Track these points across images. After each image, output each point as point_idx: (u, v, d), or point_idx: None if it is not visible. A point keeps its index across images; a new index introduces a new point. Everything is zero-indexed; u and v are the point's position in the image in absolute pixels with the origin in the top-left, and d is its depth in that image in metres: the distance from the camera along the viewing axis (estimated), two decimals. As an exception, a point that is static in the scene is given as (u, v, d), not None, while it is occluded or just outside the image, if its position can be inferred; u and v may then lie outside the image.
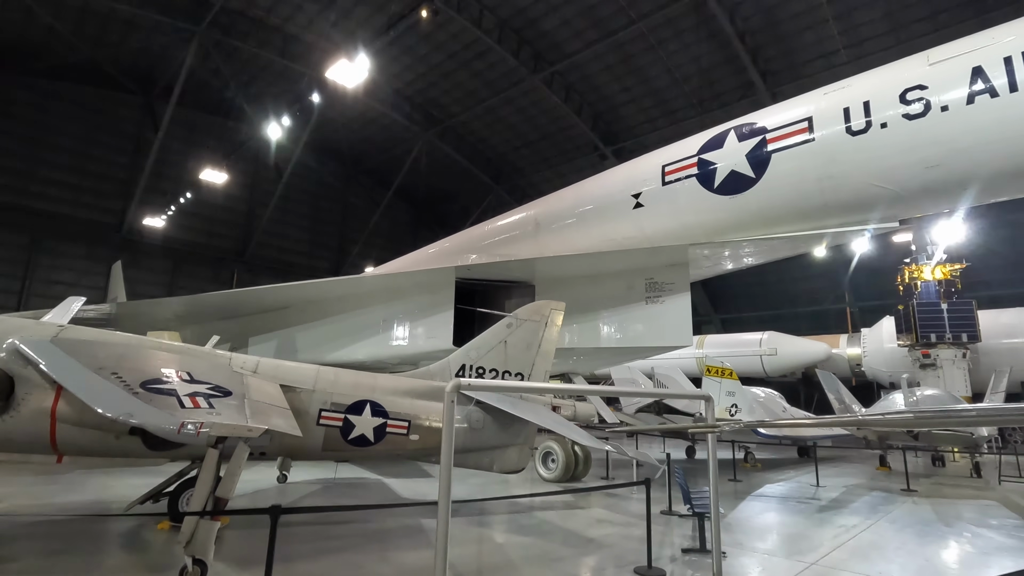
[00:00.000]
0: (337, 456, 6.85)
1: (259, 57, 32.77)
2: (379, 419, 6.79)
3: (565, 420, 7.55)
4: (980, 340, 25.52)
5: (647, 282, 10.05)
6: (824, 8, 26.69)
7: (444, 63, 34.01)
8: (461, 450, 7.28)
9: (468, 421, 7.33)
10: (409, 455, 7.17)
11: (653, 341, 9.83)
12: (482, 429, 7.37)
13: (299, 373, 6.81)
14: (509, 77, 33.94)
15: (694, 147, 9.06)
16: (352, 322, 12.83)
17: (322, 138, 41.12)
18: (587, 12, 28.97)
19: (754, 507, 9.12)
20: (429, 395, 7.32)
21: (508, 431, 7.53)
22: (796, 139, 7.76)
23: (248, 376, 6.22)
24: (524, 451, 7.66)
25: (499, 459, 7.51)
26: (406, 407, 7.03)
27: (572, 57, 31.59)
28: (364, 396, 6.83)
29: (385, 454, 6.96)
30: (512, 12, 29.94)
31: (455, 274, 11.00)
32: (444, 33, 31.38)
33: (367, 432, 6.70)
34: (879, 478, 13.59)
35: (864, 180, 7.31)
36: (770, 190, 8.05)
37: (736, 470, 12.69)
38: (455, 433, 7.27)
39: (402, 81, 36.20)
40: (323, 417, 6.53)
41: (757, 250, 9.05)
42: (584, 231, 10.37)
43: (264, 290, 13.52)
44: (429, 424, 7.08)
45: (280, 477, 9.52)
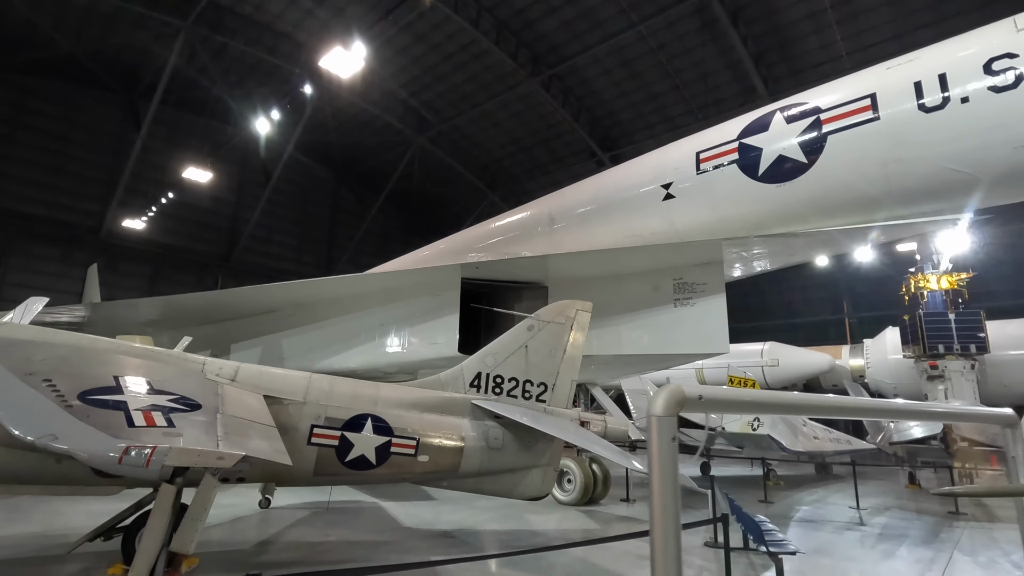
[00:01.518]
0: (332, 480, 5.76)
1: (247, 55, 31.70)
2: (382, 437, 5.71)
3: (596, 437, 6.51)
4: (989, 351, 24.89)
5: (676, 283, 9.09)
6: (828, 13, 26.29)
7: (439, 65, 33.16)
8: (476, 473, 6.22)
9: (486, 439, 6.27)
10: (416, 479, 6.09)
11: (683, 348, 8.84)
12: (501, 448, 6.32)
13: (287, 382, 5.72)
14: (506, 80, 33.16)
15: (733, 131, 8.16)
16: (345, 327, 11.72)
17: (312, 141, 40.02)
18: (587, 14, 28.32)
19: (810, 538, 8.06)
20: (440, 408, 6.25)
21: (531, 450, 6.48)
22: (857, 119, 6.88)
23: (225, 385, 5.12)
24: (549, 473, 6.61)
25: (521, 483, 6.45)
26: (413, 423, 5.95)
27: (571, 60, 30.90)
28: (364, 409, 5.75)
29: (388, 478, 5.88)
30: (511, 13, 29.22)
31: (461, 273, 9.96)
32: (440, 34, 30.58)
33: (368, 452, 5.61)
34: (915, 498, 12.70)
35: (938, 163, 6.43)
36: (825, 177, 7.15)
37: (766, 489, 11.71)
38: (470, 452, 6.24)
39: (396, 83, 35.27)
40: (315, 435, 5.44)
41: (803, 246, 8.13)
42: (606, 226, 9.40)
43: (247, 291, 12.39)
44: (440, 443, 6.01)
45: (263, 501, 8.36)
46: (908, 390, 28.37)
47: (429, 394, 6.32)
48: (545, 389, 6.86)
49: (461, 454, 6.06)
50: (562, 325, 7.12)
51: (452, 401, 6.35)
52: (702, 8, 26.86)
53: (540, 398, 6.82)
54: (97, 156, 33.53)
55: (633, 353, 9.18)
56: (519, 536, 7.51)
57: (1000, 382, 26.32)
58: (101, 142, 33.47)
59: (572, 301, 7.36)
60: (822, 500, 11.75)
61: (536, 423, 6.21)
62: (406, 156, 39.75)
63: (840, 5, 25.85)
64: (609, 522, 8.62)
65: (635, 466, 5.86)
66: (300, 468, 5.37)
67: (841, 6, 25.79)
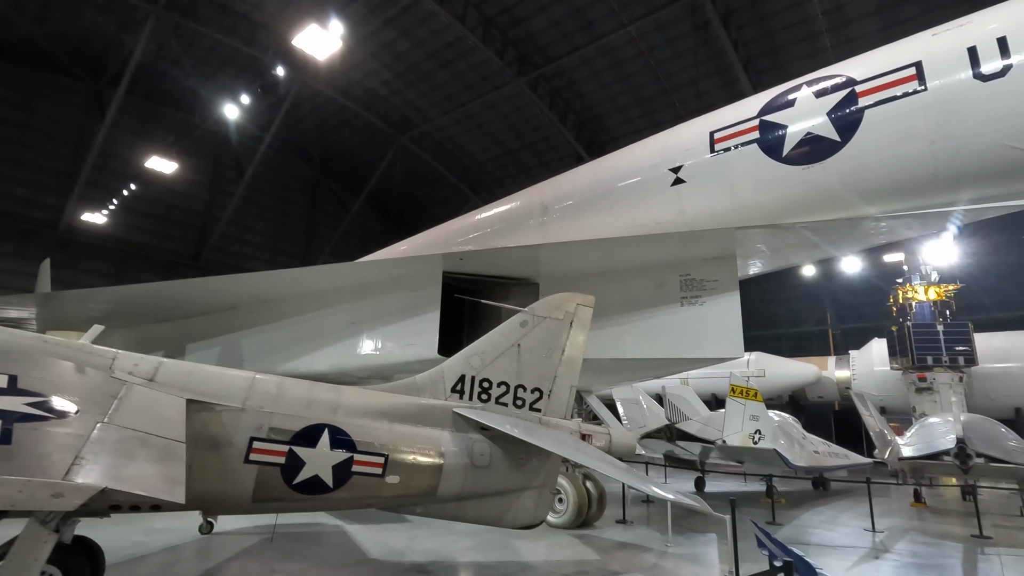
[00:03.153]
0: (277, 507, 4.62)
1: (222, 45, 30.34)
2: (342, 453, 4.60)
3: (601, 452, 5.48)
4: (977, 363, 24.60)
5: (683, 279, 8.15)
6: (819, 20, 26.05)
7: (424, 62, 32.20)
8: (457, 496, 5.14)
9: (470, 455, 5.20)
10: (384, 504, 4.97)
11: (691, 352, 7.89)
12: (488, 467, 5.25)
13: (223, 383, 4.58)
14: (492, 80, 32.34)
15: (753, 108, 7.29)
16: (312, 326, 10.54)
17: (290, 138, 38.68)
18: (576, 13, 27.68)
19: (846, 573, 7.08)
20: (415, 418, 5.16)
21: (524, 469, 5.42)
22: (899, 90, 6.04)
23: (135, 386, 3.98)
24: (545, 497, 5.55)
25: (511, 508, 5.38)
26: (382, 435, 4.85)
27: (558, 61, 30.20)
28: (320, 419, 4.64)
29: (349, 503, 4.77)
30: (498, 10, 28.42)
31: (443, 266, 8.89)
32: (425, 29, 29.63)
33: (323, 472, 4.49)
34: (924, 516, 11.93)
35: (995, 140, 5.60)
36: (861, 157, 6.28)
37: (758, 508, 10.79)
38: (450, 472, 5.15)
39: (378, 80, 34.19)
40: (256, 450, 4.31)
41: (830, 238, 7.26)
42: (606, 216, 8.43)
43: (203, 282, 11.14)
44: (415, 460, 4.92)
45: (204, 526, 7.12)
46: (895, 403, 28.02)
47: (402, 401, 5.22)
48: (540, 396, 5.82)
49: (439, 474, 4.98)
50: (560, 321, 6.11)
51: (430, 409, 5.27)
52: (693, 10, 26.40)
53: (534, 406, 5.78)
54: (58, 146, 31.66)
55: (634, 357, 8.20)
56: (504, 570, 6.41)
57: (986, 395, 26.07)
58: (62, 131, 31.63)
59: (572, 294, 6.35)
60: (832, 520, 10.88)
61: (530, 436, 5.16)
62: (387, 156, 38.62)
63: (831, 12, 25.64)
64: (608, 550, 7.58)
65: (657, 492, 4.84)
66: (234, 492, 4.23)
67: (832, 13, 25.57)
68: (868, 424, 14.76)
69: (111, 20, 28.14)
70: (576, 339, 6.15)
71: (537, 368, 5.86)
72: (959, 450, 11.15)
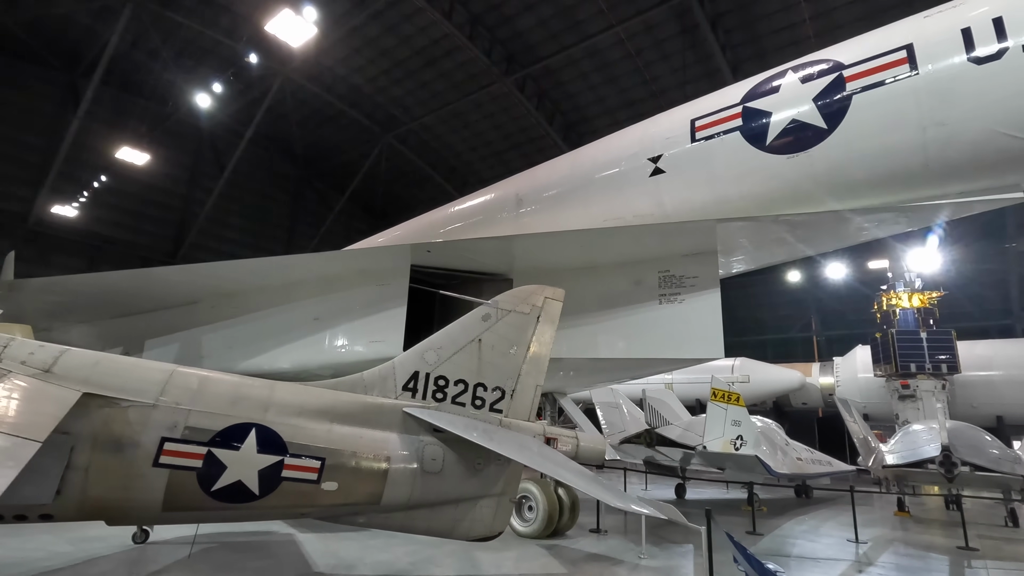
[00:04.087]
0: (194, 517, 4.10)
1: (203, 37, 29.62)
2: (270, 456, 4.09)
3: (567, 459, 5.02)
4: (960, 371, 24.55)
5: (661, 276, 7.74)
6: (807, 25, 26.03)
7: (410, 60, 31.71)
8: (405, 505, 4.65)
9: (420, 460, 4.71)
10: (321, 513, 4.47)
11: (669, 351, 7.47)
12: (441, 472, 4.76)
13: (134, 375, 4.06)
14: (479, 79, 31.94)
15: (736, 95, 6.92)
16: (274, 321, 9.99)
17: (273, 135, 37.95)
18: (564, 12, 27.38)
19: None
20: (359, 417, 4.66)
21: (480, 475, 4.94)
22: (889, 75, 5.69)
23: (18, 375, 3.45)
24: (504, 506, 5.07)
25: (465, 519, 4.89)
26: (319, 437, 4.35)
27: (546, 60, 29.88)
28: (247, 417, 4.13)
29: (279, 513, 4.27)
30: (485, 7, 28.05)
31: (410, 258, 8.40)
32: (411, 26, 29.16)
33: (247, 478, 3.98)
34: (907, 526, 11.60)
35: (990, 127, 5.26)
36: (848, 145, 5.94)
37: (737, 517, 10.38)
38: (397, 478, 4.66)
39: (363, 77, 33.63)
40: (167, 452, 3.78)
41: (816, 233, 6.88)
42: (582, 208, 8.02)
43: (159, 272, 10.53)
44: (356, 465, 4.42)
45: (138, 535, 6.55)
46: (878, 410, 27.93)
47: (345, 399, 4.73)
48: (502, 396, 5.35)
49: (384, 480, 4.48)
50: (526, 316, 5.65)
51: (377, 408, 4.78)
52: (682, 12, 26.24)
53: (495, 407, 5.30)
54: (30, 136, 30.65)
55: (610, 357, 7.77)
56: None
57: (968, 403, 26.06)
58: (35, 121, 30.64)
59: (540, 287, 5.90)
60: (813, 530, 10.50)
61: (488, 440, 4.69)
62: (372, 154, 38.04)
63: (819, 17, 25.61)
64: (577, 563, 7.11)
65: (629, 507, 4.38)
66: (140, 500, 3.71)
67: (820, 18, 25.54)
68: (852, 431, 14.47)
69: (86, 8, 27.32)
70: (543, 335, 5.70)
71: (499, 366, 5.40)
72: (944, 458, 10.86)
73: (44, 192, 29.94)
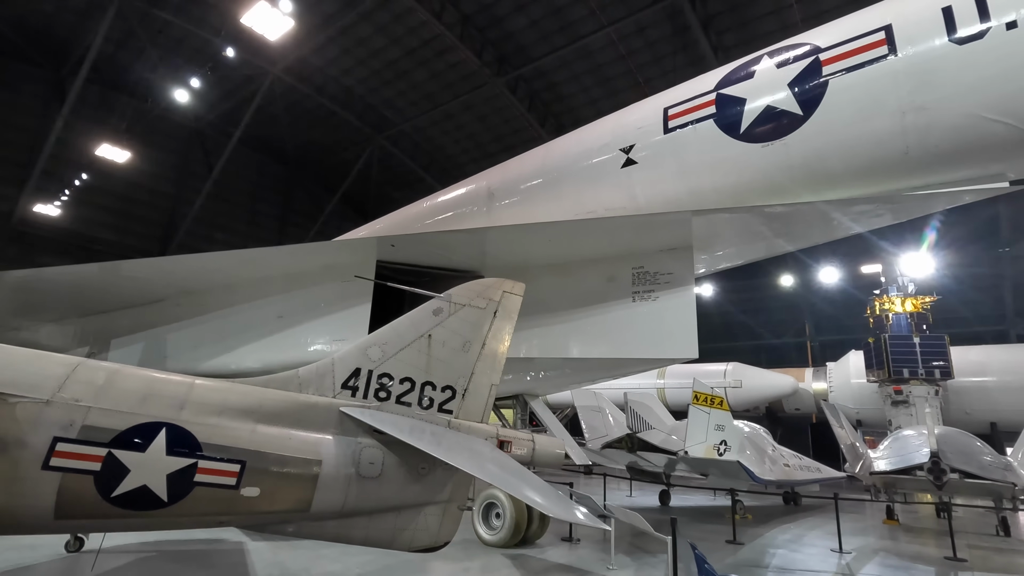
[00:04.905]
0: (92, 526, 3.74)
1: (190, 35, 29.30)
2: (181, 459, 3.72)
3: (517, 465, 4.65)
4: (953, 377, 24.25)
5: (635, 272, 7.41)
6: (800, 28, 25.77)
7: (401, 60, 31.47)
8: (339, 513, 4.28)
9: (356, 463, 4.35)
10: (242, 521, 4.09)
11: (641, 351, 7.13)
12: (379, 477, 4.39)
13: (29, 368, 3.70)
14: (471, 80, 31.72)
15: (710, 82, 6.61)
16: (238, 319, 9.63)
17: (264, 135, 37.62)
18: (556, 13, 27.18)
19: None
20: (288, 417, 4.29)
21: (424, 481, 4.58)
22: (866, 57, 5.38)
23: None
24: (451, 513, 4.71)
25: (407, 528, 4.52)
26: (241, 437, 3.98)
27: (538, 61, 29.65)
28: (157, 416, 3.76)
29: (193, 522, 3.88)
30: (476, 8, 27.84)
31: (376, 253, 8.05)
32: (401, 26, 28.93)
33: (153, 482, 3.61)
34: (896, 535, 11.24)
35: (973, 111, 4.95)
36: (824, 132, 5.62)
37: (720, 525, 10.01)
38: (329, 483, 4.30)
39: (354, 78, 33.38)
40: (59, 454, 3.41)
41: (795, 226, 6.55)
42: (553, 201, 7.70)
43: (126, 266, 10.14)
44: (282, 469, 4.05)
45: (71, 542, 6.15)
46: (871, 416, 27.61)
47: (275, 397, 4.36)
48: (453, 395, 5.00)
49: (314, 485, 4.11)
50: (482, 310, 5.30)
51: (309, 408, 4.41)
52: (673, 14, 26.06)
53: (444, 407, 4.95)
54: (15, 134, 30.27)
55: (580, 357, 7.41)
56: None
57: (962, 409, 25.74)
58: (20, 119, 30.27)
59: (499, 280, 5.56)
60: (797, 539, 10.13)
61: (432, 444, 4.33)
62: (363, 156, 37.75)
63: (812, 20, 25.43)
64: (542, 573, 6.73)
65: (576, 517, 4.00)
66: (27, 506, 3.34)
67: (813, 20, 25.35)
68: (839, 436, 14.12)
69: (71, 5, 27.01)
70: (500, 331, 5.35)
71: (450, 363, 5.05)
72: (933, 465, 10.52)
73: (29, 191, 29.55)
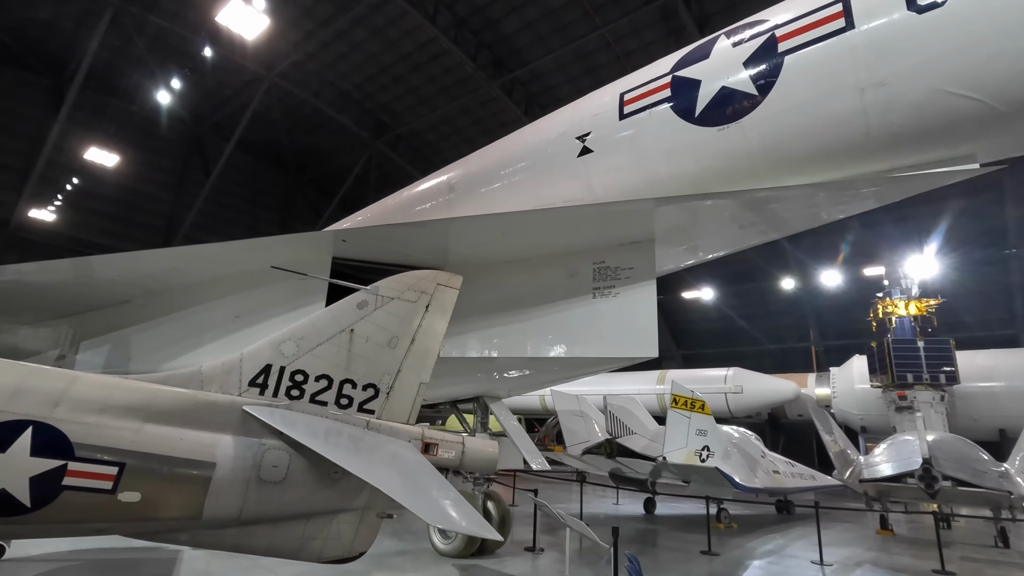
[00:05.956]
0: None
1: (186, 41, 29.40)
2: (49, 460, 3.41)
3: (426, 472, 4.26)
4: (959, 382, 23.54)
5: (596, 268, 7.05)
6: (796, 26, 25.39)
7: (396, 65, 31.46)
8: (236, 520, 3.94)
9: (256, 466, 4.02)
10: (122, 529, 3.77)
11: (599, 350, 6.76)
12: (283, 482, 4.06)
13: None
14: (467, 84, 31.65)
15: (667, 65, 6.27)
16: (197, 320, 9.38)
17: (263, 141, 37.74)
18: (550, 15, 27.03)
19: None
20: (181, 415, 3.97)
21: (337, 486, 4.24)
22: (823, 31, 5.02)
23: None
24: (368, 522, 4.36)
25: (319, 537, 4.18)
26: (123, 437, 3.67)
27: (533, 64, 29.48)
28: (25, 413, 3.46)
29: (64, 529, 3.57)
30: (470, 11, 27.74)
31: (331, 249, 7.76)
32: (395, 30, 28.89)
33: (14, 486, 3.30)
34: (887, 547, 10.70)
35: (934, 85, 4.58)
36: (781, 113, 5.27)
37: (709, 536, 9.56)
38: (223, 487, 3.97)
39: (351, 82, 33.41)
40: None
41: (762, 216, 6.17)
42: (511, 193, 7.38)
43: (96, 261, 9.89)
44: (170, 471, 3.73)
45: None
46: (876, 422, 26.89)
47: (167, 394, 4.05)
48: (375, 394, 4.66)
49: (205, 490, 3.79)
50: (413, 304, 4.97)
51: (207, 406, 4.09)
52: (667, 15, 25.80)
53: (365, 407, 4.61)
54: (14, 141, 30.50)
55: (537, 356, 7.05)
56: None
57: (969, 415, 25.01)
58: (18, 126, 30.50)
59: (434, 271, 5.24)
60: (780, 551, 9.65)
61: (336, 451, 3.99)
62: (361, 161, 37.70)
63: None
64: (497, 585, 6.37)
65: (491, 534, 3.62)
66: None
67: (809, 19, 24.98)
68: (826, 442, 13.57)
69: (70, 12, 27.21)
70: (432, 326, 5.02)
71: (375, 360, 4.72)
72: (924, 472, 10.00)
73: (26, 197, 29.72)
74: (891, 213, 31.11)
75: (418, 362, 4.87)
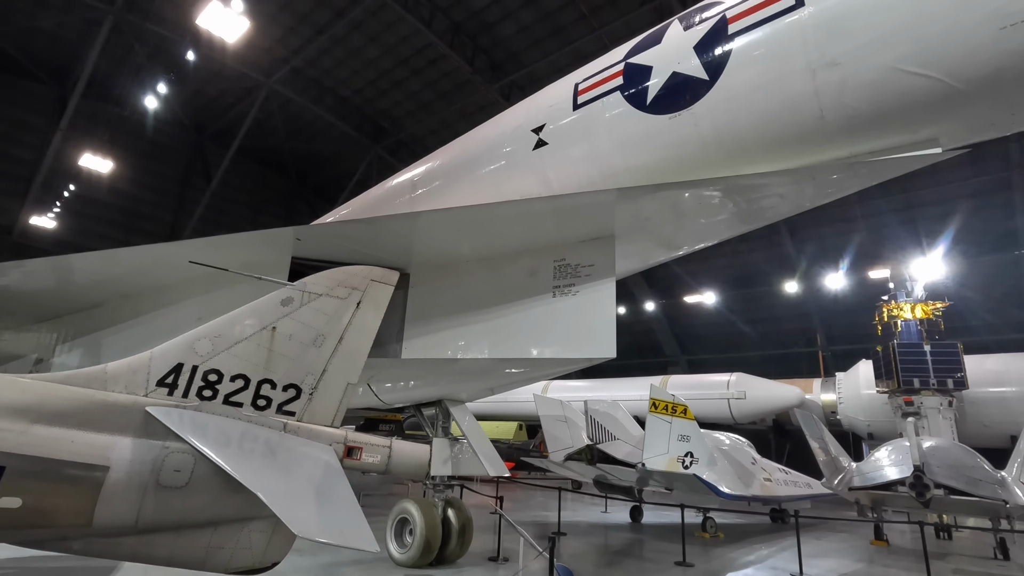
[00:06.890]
0: None
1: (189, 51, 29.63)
2: (-85, 463, 3.20)
3: (341, 481, 3.99)
4: (967, 387, 22.84)
5: (556, 265, 6.78)
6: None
7: (395, 70, 31.51)
8: (132, 528, 3.71)
9: (156, 471, 3.79)
10: (7, 538, 3.55)
11: (557, 350, 6.47)
12: (185, 487, 3.83)
13: None
14: (464, 89, 31.65)
15: (621, 53, 6.03)
16: (162, 322, 9.23)
17: (264, 148, 37.95)
18: (546, 19, 26.93)
19: None
20: (74, 416, 3.76)
21: (246, 492, 3.98)
22: (773, 9, 4.75)
23: None
24: (282, 531, 4.10)
25: (226, 546, 3.94)
26: (5, 439, 3.46)
27: (530, 67, 29.34)
28: None
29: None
30: (466, 15, 27.69)
31: (291, 248, 7.56)
32: (393, 35, 28.94)
33: None
34: (878, 558, 10.24)
35: (889, 64, 4.29)
36: (732, 98, 5.00)
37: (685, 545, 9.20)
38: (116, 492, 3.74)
39: (350, 88, 33.52)
40: None
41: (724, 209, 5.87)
42: (470, 189, 7.16)
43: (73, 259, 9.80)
44: (56, 475, 3.52)
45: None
46: (883, 428, 26.18)
47: (62, 394, 3.85)
48: (297, 395, 4.43)
49: (95, 496, 3.57)
50: (343, 301, 4.75)
51: (106, 407, 3.88)
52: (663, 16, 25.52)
53: (285, 408, 4.38)
54: (18, 149, 30.89)
55: (493, 357, 6.79)
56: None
57: (979, 421, 24.24)
58: (21, 135, 30.89)
59: (368, 267, 5.02)
60: (760, 562, 9.25)
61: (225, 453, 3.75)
62: (361, 167, 37.77)
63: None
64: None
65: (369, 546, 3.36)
66: None
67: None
68: (814, 449, 13.10)
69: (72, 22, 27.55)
70: (363, 324, 4.79)
71: (297, 359, 4.49)
72: (915, 479, 9.55)
73: (29, 204, 30.06)
74: (898, 215, 30.50)
75: (346, 362, 4.64)
